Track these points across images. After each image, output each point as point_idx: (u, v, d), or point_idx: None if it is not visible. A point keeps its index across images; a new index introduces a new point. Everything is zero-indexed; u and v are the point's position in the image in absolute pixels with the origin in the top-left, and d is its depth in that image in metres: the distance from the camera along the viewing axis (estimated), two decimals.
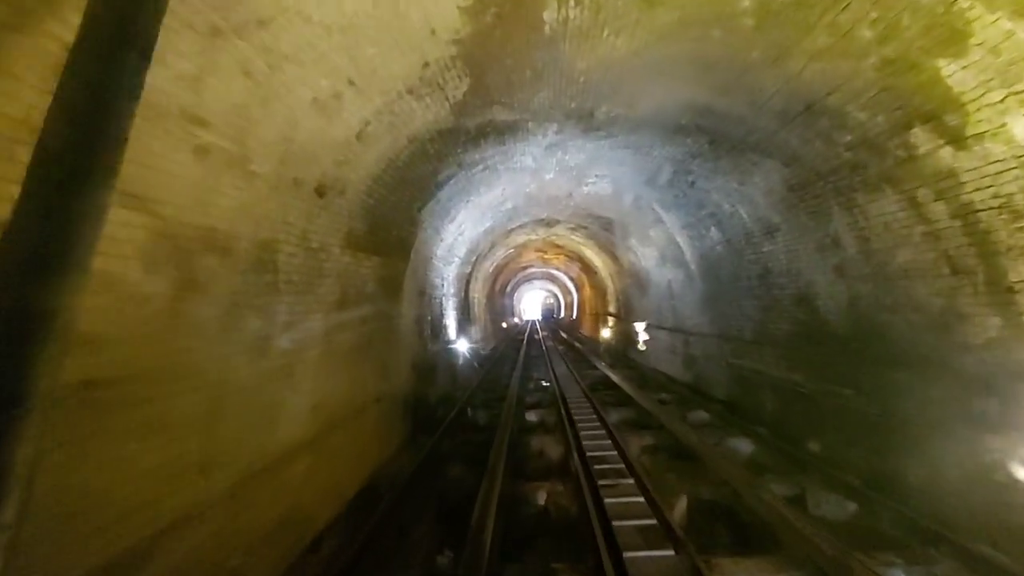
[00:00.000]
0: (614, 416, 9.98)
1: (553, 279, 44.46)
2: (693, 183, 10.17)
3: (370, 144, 6.34)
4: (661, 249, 14.42)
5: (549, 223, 20.51)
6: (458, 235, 13.60)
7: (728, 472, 6.36)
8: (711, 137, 8.48)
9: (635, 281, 18.44)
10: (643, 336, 23.50)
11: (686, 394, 11.64)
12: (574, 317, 43.16)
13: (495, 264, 25.90)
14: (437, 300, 12.90)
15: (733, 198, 9.36)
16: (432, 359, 11.49)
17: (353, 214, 6.64)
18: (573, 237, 22.68)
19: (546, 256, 30.72)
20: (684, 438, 7.94)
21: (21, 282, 1.67)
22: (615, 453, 7.67)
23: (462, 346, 14.98)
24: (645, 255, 16.14)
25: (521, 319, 58.66)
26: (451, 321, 14.64)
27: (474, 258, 18.53)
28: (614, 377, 13.97)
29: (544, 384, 13.99)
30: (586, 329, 33.39)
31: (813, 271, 7.53)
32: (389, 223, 8.15)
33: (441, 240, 12.14)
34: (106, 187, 1.87)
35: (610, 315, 24.17)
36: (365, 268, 7.26)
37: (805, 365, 7.71)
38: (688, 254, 12.57)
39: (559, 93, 7.67)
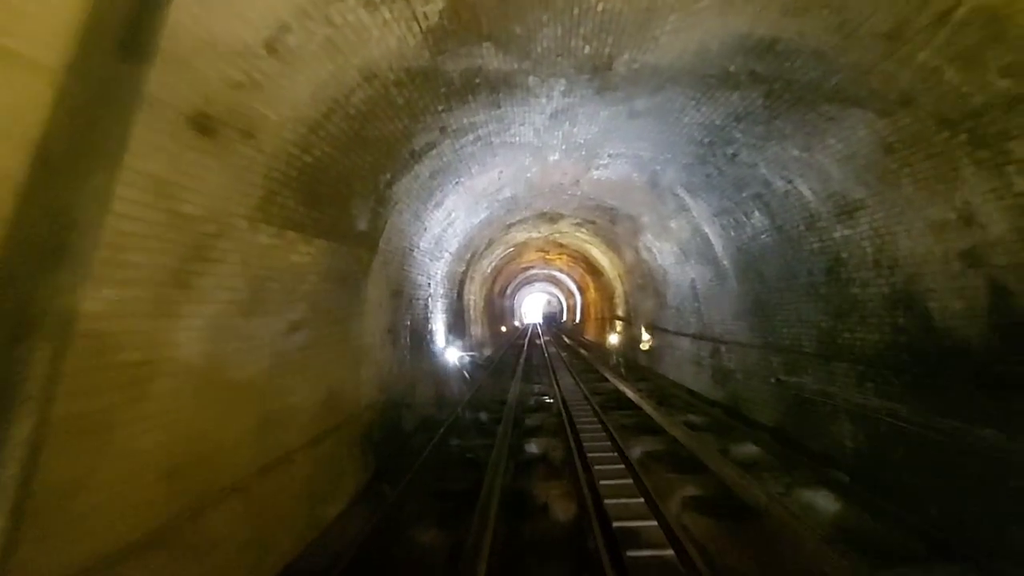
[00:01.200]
0: (636, 449, 7.85)
1: (555, 282, 42.35)
2: (734, 156, 8.07)
3: (296, 66, 4.24)
4: (683, 244, 12.31)
5: (552, 218, 18.44)
6: (447, 225, 11.51)
7: (824, 555, 4.24)
8: (768, 88, 6.39)
9: (649, 282, 16.32)
10: (645, 336, 21.44)
11: (720, 417, 9.50)
12: (577, 321, 41.02)
13: (493, 264, 23.82)
14: (421, 302, 10.81)
15: (790, 171, 7.25)
16: (411, 374, 9.38)
17: (274, 174, 4.53)
18: (578, 234, 20.60)
19: (548, 256, 28.64)
20: (740, 488, 5.81)
21: (23, 277, 1.70)
22: (646, 510, 5.56)
23: (452, 355, 12.86)
24: (662, 252, 14.02)
25: (522, 323, 56.53)
26: (439, 326, 12.54)
27: (469, 255, 16.44)
28: (628, 392, 11.84)
29: (547, 401, 11.85)
30: (591, 334, 31.24)
31: (922, 261, 5.41)
32: (342, 197, 6.05)
33: (425, 229, 10.05)
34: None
35: (618, 319, 22.05)
36: (300, 256, 5.15)
37: (909, 390, 5.58)
38: (719, 248, 10.47)
39: (570, 29, 5.62)
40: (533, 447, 8.15)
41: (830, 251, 6.98)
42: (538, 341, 31.42)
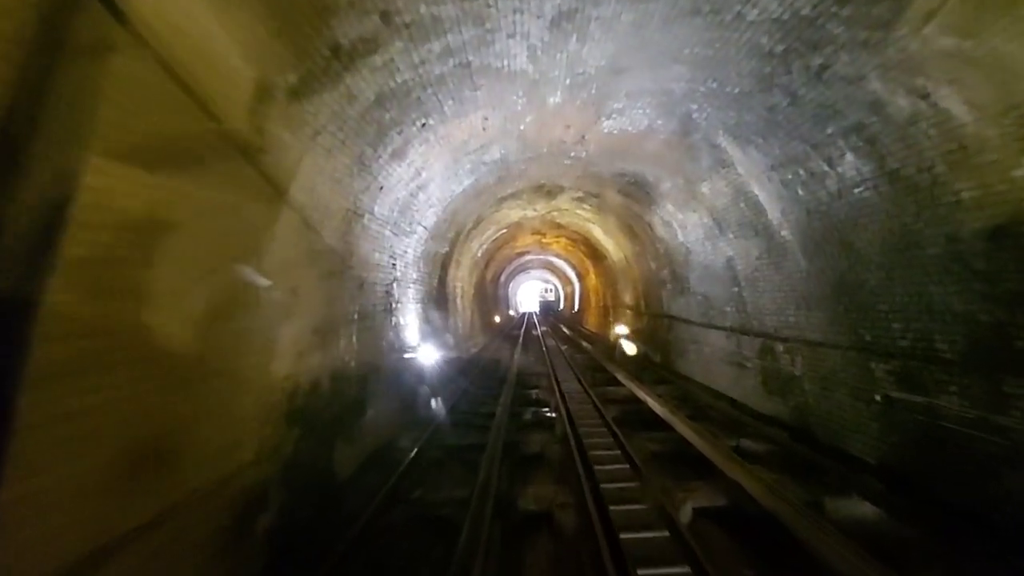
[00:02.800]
0: (685, 506, 5.21)
1: (552, 268, 39.67)
2: (823, 68, 5.40)
3: None
4: (717, 213, 9.64)
5: (550, 192, 15.72)
6: (417, 189, 8.80)
7: None
8: None
9: (664, 264, 13.66)
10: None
11: (788, 444, 6.85)
12: (575, 310, 38.41)
13: (484, 248, 21.10)
14: (380, 289, 8.12)
15: (933, 76, 4.57)
16: (359, 387, 6.71)
17: None
18: (579, 212, 17.89)
19: (545, 240, 25.94)
20: None
21: None
22: None
23: (428, 355, 10.20)
24: (685, 226, 11.35)
25: (517, 312, 53.95)
26: (410, 319, 9.86)
27: (452, 234, 13.72)
28: (649, 401, 9.21)
29: (547, 415, 9.17)
30: (592, 324, 28.62)
31: None
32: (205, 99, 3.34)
33: (381, 189, 7.33)
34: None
35: (626, 308, 19.42)
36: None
37: None
38: (775, 214, 7.81)
39: None
40: (531, 501, 5.49)
41: (1003, 201, 4.32)
42: (535, 332, 28.77)
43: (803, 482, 5.58)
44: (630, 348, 17.01)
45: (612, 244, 19.09)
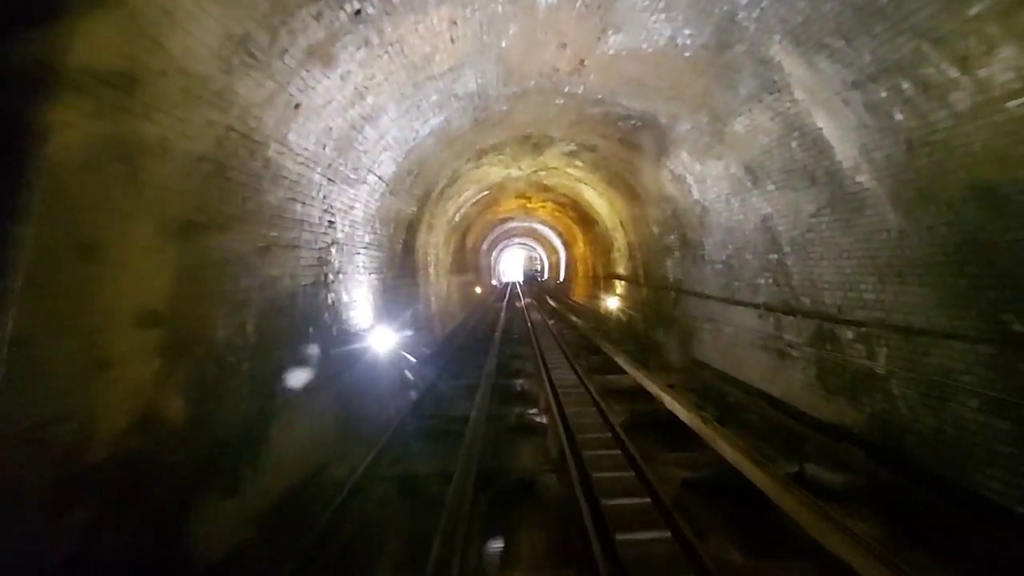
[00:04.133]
0: None
1: (537, 236, 37.41)
2: None
3: None
4: (754, 157, 7.49)
5: (538, 145, 13.40)
6: (361, 119, 6.46)
7: None
8: None
9: (672, 227, 11.53)
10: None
11: (868, 469, 4.85)
12: (561, 280, 36.38)
13: (462, 211, 18.76)
14: (306, 254, 5.85)
15: None
16: (259, 402, 4.53)
17: None
18: (570, 170, 15.62)
19: (530, 205, 23.62)
20: None
21: None
22: None
23: (387, 340, 8.01)
24: (705, 178, 9.19)
25: (500, 282, 51.81)
26: (360, 294, 7.63)
27: (420, 191, 11.38)
28: (664, 398, 7.17)
29: (538, 421, 7.05)
30: (579, 295, 26.60)
31: None
32: None
33: (297, 106, 4.98)
34: None
35: (618, 278, 17.36)
36: None
37: None
38: (850, 150, 5.67)
39: None
40: None
41: None
42: (518, 304, 26.69)
43: (934, 552, 3.59)
44: (626, 324, 15.01)
45: (606, 207, 16.90)
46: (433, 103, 8.08)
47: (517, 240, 41.46)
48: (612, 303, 17.11)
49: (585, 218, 20.65)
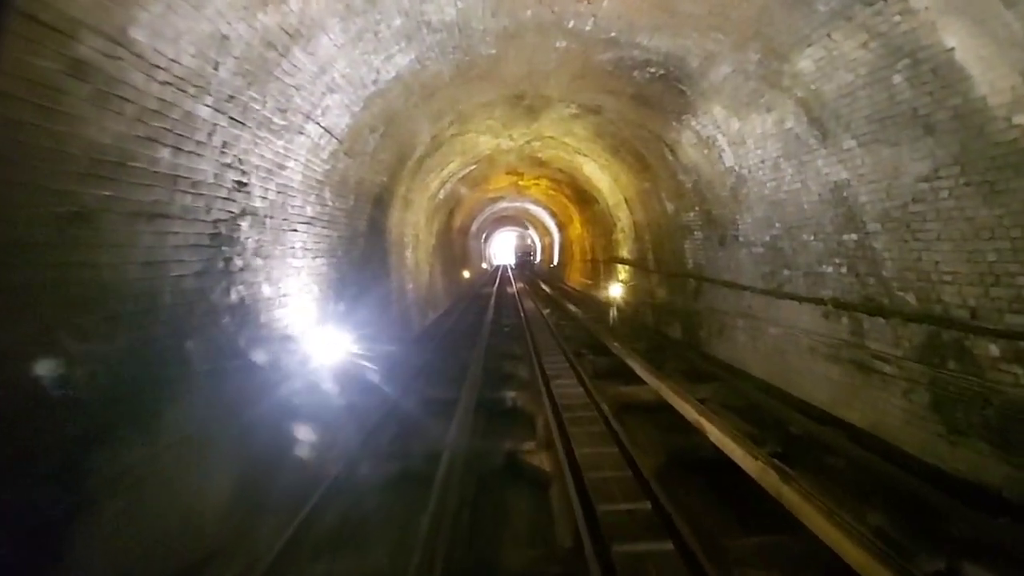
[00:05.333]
0: None
1: (529, 218, 35.32)
2: None
3: None
4: (826, 102, 5.54)
5: (533, 107, 11.32)
6: (287, 35, 4.39)
7: None
8: None
9: (694, 202, 9.57)
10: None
11: None
12: (555, 263, 34.43)
13: (447, 187, 16.67)
14: (199, 228, 3.84)
15: None
16: (68, 479, 2.55)
17: None
18: (569, 140, 13.58)
19: (522, 183, 21.56)
20: None
21: None
22: None
23: (336, 345, 6.02)
24: (745, 138, 7.23)
25: (491, 265, 49.78)
26: (295, 285, 5.61)
27: (390, 155, 9.32)
28: (706, 426, 5.24)
29: (535, 465, 5.05)
30: (576, 282, 24.65)
31: None
32: None
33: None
34: None
35: (621, 262, 15.42)
36: None
37: None
38: (1013, 80, 3.74)
39: None
40: None
41: None
42: (510, 290, 24.71)
43: None
44: (632, 315, 13.12)
45: (608, 182, 14.89)
46: (397, 31, 6.02)
47: (508, 221, 39.33)
48: (614, 291, 15.20)
49: (583, 196, 18.61)
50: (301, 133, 5.56)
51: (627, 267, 14.82)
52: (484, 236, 41.97)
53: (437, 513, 3.76)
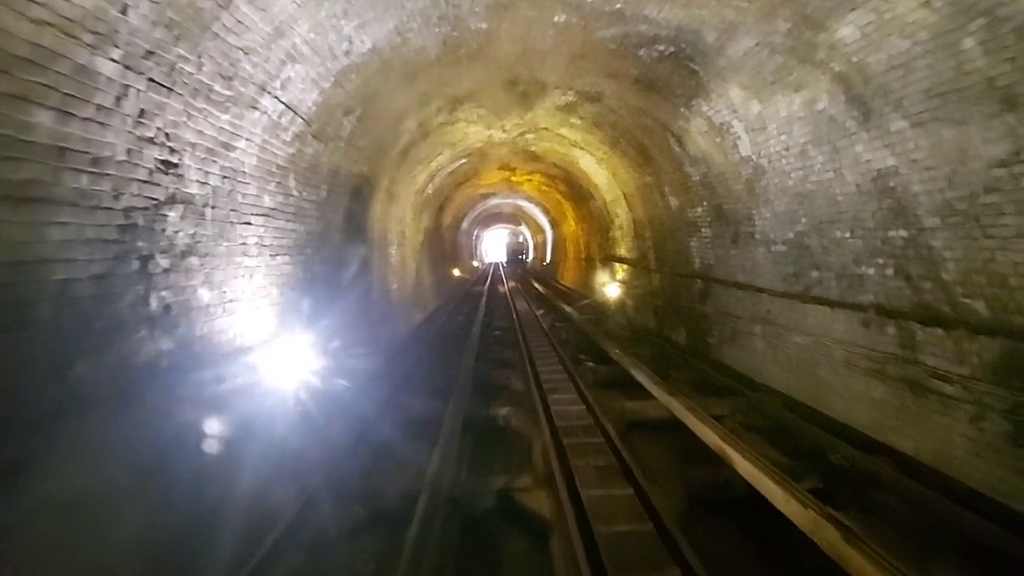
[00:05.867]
0: None
1: (521, 215, 34.47)
2: None
3: None
4: (868, 80, 4.74)
5: (527, 93, 10.49)
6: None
7: None
8: None
9: (702, 196, 8.77)
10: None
11: None
12: (547, 262, 33.63)
13: (437, 182, 15.79)
14: (100, 217, 2.95)
15: None
16: None
17: None
18: (565, 131, 12.75)
19: (514, 178, 20.72)
20: None
21: None
22: None
23: (298, 359, 5.13)
24: (767, 123, 6.42)
25: (482, 263, 48.87)
26: (251, 289, 4.72)
27: (369, 143, 8.43)
28: (733, 456, 4.43)
29: (532, 510, 4.18)
30: (569, 280, 23.84)
31: None
32: None
33: None
34: None
35: (619, 261, 14.61)
36: None
37: None
38: None
39: None
40: None
41: None
42: (502, 289, 23.85)
43: None
44: (632, 317, 12.32)
45: (605, 177, 14.08)
46: None
47: (500, 218, 38.44)
48: (612, 291, 14.39)
49: (578, 192, 17.78)
50: (254, 108, 4.67)
51: (625, 266, 14.01)
52: (475, 233, 41.07)
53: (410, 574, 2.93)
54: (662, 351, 9.47)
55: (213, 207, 4.24)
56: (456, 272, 25.06)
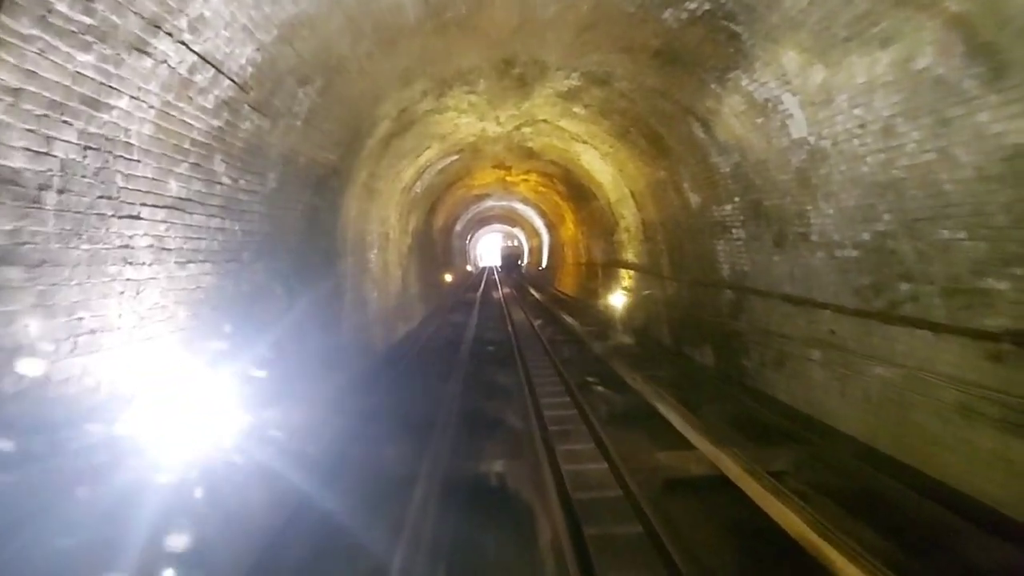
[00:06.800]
0: None
1: (516, 218, 33.06)
2: None
3: None
4: (1004, 21, 3.33)
5: (524, 78, 9.08)
6: None
7: None
8: None
9: (733, 191, 7.36)
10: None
11: None
12: (543, 267, 32.23)
13: (426, 181, 14.35)
14: None
15: None
16: None
17: None
18: (566, 123, 11.35)
19: (510, 178, 19.32)
20: None
21: None
22: None
23: (222, 411, 3.67)
24: (835, 92, 4.99)
25: (476, 267, 47.40)
26: (137, 313, 3.25)
27: (341, 127, 6.99)
28: (837, 566, 3.02)
29: None
30: (568, 287, 22.39)
31: None
32: None
33: None
34: None
35: (625, 267, 13.20)
36: None
37: None
38: None
39: None
40: None
41: None
42: (495, 295, 22.38)
43: None
44: (642, 331, 10.90)
45: (610, 175, 12.70)
46: None
47: (495, 221, 37.00)
48: (617, 300, 12.98)
49: (579, 192, 16.38)
50: (143, 52, 3.21)
51: (633, 273, 12.61)
52: (469, 237, 39.61)
53: None
54: (685, 374, 8.03)
55: (61, 191, 2.78)
56: (448, 278, 23.59)
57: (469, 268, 40.93)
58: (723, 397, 6.72)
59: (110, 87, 3.05)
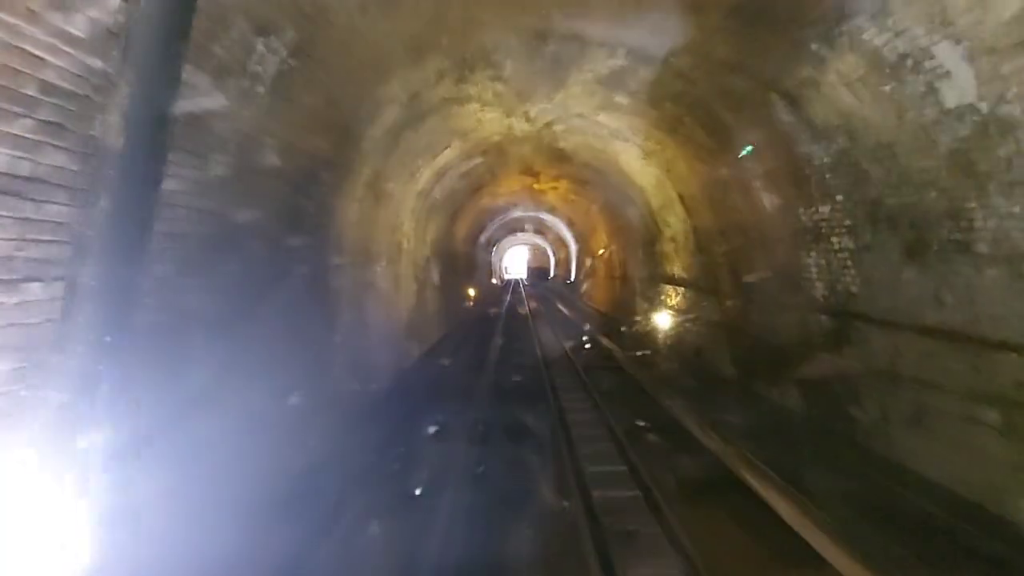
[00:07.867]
0: None
1: (543, 230, 31.47)
2: None
3: None
4: None
5: (558, 58, 7.39)
6: None
7: None
8: None
9: (832, 186, 5.58)
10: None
11: None
12: (572, 279, 30.52)
13: (445, 185, 12.88)
14: None
15: None
16: None
17: None
18: (604, 117, 9.70)
19: (538, 185, 17.80)
20: None
21: None
22: None
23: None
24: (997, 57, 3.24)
25: (502, 280, 45.72)
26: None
27: (328, 106, 5.48)
28: None
29: None
30: (600, 301, 20.56)
31: None
32: None
33: None
34: None
35: (672, 282, 11.39)
36: None
37: None
38: None
39: None
40: None
41: None
42: (522, 310, 20.69)
43: None
44: (698, 362, 9.11)
45: (655, 176, 11.02)
46: None
47: (521, 232, 35.43)
48: (661, 320, 11.19)
49: (614, 198, 14.66)
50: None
51: (680, 289, 10.81)
52: (494, 249, 38.09)
53: None
54: (766, 422, 6.19)
55: None
56: (471, 291, 22.03)
57: (494, 281, 39.36)
58: (833, 462, 4.87)
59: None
